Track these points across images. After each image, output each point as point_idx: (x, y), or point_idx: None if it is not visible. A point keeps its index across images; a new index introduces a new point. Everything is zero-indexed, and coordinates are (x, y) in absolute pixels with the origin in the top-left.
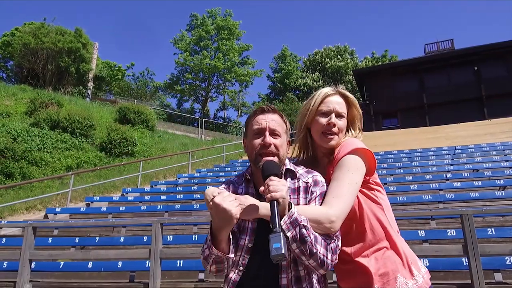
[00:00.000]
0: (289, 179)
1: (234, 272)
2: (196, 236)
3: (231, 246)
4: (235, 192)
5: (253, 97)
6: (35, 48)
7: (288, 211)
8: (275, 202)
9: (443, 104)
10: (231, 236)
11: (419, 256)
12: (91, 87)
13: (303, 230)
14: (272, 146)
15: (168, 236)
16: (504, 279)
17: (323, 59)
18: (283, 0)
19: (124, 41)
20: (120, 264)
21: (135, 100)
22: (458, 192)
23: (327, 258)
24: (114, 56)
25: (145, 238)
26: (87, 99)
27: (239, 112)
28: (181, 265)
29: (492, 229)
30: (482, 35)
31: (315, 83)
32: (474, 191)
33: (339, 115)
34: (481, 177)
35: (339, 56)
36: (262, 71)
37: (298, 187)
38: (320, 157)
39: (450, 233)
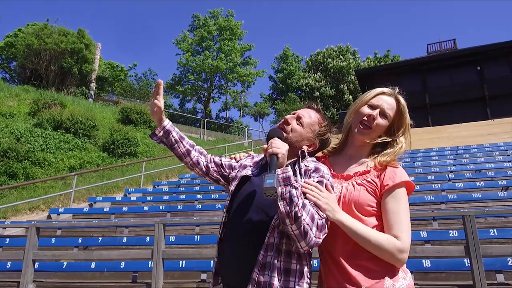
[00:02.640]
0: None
1: (224, 216)
2: (198, 236)
3: (193, 156)
4: (249, 159)
5: (255, 97)
6: (38, 49)
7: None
8: (274, 156)
9: (445, 104)
10: (196, 153)
11: (421, 257)
12: (94, 87)
13: (293, 190)
14: (289, 126)
15: (171, 237)
16: (506, 280)
17: (325, 59)
18: (285, 0)
19: (126, 42)
20: (122, 264)
21: (138, 101)
22: (460, 193)
23: (311, 229)
24: (116, 56)
25: (148, 238)
26: (90, 99)
27: (241, 112)
28: (183, 266)
29: (495, 230)
30: (485, 35)
31: (317, 83)
32: (477, 192)
33: (383, 114)
34: (484, 178)
35: (341, 56)
36: (264, 71)
37: (300, 169)
38: (352, 145)
39: (452, 234)
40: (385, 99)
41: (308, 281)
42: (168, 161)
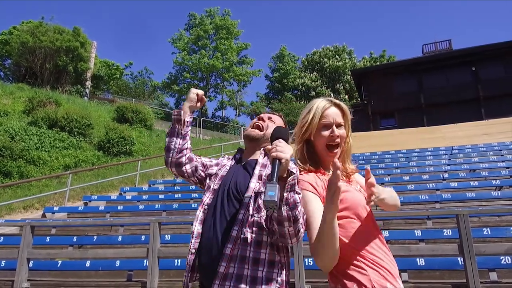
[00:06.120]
0: (262, 156)
1: (200, 211)
2: None
3: (185, 144)
4: (226, 160)
5: (252, 97)
6: (33, 46)
7: (288, 176)
8: (277, 160)
9: (440, 104)
10: (188, 143)
11: (416, 256)
12: (89, 86)
13: (296, 196)
14: (266, 123)
15: (166, 235)
16: (499, 278)
17: (321, 59)
18: (282, 0)
19: (122, 40)
20: (118, 263)
21: (133, 99)
22: (454, 192)
23: (303, 227)
24: (112, 55)
25: (143, 237)
26: (85, 98)
27: (238, 111)
28: (178, 264)
29: (488, 229)
30: (480, 35)
31: (313, 83)
32: (471, 191)
33: (339, 125)
34: (478, 177)
35: (337, 56)
36: (261, 71)
37: (268, 164)
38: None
39: (446, 232)
40: (332, 113)
41: (287, 273)
42: (164, 160)
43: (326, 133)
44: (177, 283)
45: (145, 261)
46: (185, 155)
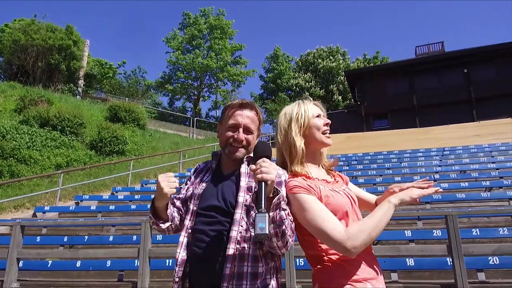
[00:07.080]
0: (246, 164)
1: (184, 236)
2: None
3: (169, 216)
4: (201, 175)
5: (246, 97)
6: (25, 44)
7: (274, 194)
8: (263, 183)
9: (433, 105)
10: (170, 207)
11: (405, 256)
12: (82, 84)
13: (282, 212)
14: (244, 141)
15: (157, 235)
16: (487, 278)
17: (315, 60)
18: (276, 0)
19: (116, 39)
20: (109, 263)
21: (127, 99)
22: (445, 193)
23: (291, 238)
24: (105, 54)
25: (134, 237)
26: (78, 97)
27: None
28: (170, 264)
29: (477, 230)
30: (473, 37)
31: (307, 84)
32: (461, 192)
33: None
34: (468, 178)
35: (331, 57)
36: (255, 71)
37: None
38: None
39: (436, 233)
40: (315, 106)
41: (280, 275)
42: (157, 160)
43: (319, 122)
44: (168, 284)
45: (136, 261)
46: (175, 223)
